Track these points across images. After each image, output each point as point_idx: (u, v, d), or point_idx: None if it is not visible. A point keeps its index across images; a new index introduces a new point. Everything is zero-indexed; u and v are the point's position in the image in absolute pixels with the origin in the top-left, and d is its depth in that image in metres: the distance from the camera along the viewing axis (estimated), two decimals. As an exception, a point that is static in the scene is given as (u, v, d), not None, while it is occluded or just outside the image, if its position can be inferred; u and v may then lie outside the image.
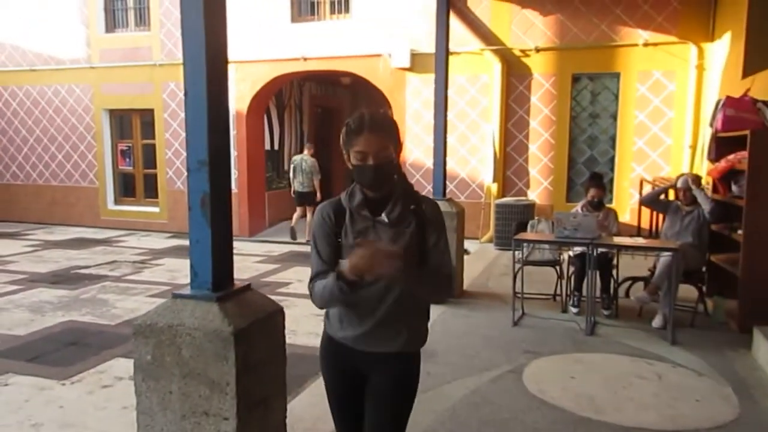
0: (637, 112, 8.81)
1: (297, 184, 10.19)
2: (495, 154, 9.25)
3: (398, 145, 1.95)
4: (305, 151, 10.41)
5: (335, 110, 13.64)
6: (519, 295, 5.44)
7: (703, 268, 5.58)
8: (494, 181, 9.32)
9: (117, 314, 5.77)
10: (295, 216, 10.39)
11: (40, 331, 5.23)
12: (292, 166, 10.30)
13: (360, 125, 1.86)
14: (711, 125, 6.08)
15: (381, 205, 1.95)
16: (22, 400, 3.81)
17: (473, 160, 9.60)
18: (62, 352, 4.74)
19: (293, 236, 10.26)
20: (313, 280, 1.98)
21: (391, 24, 9.59)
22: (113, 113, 11.59)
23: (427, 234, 1.98)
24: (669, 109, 8.67)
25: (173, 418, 2.40)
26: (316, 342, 2.19)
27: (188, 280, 2.49)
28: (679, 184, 5.46)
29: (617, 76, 8.90)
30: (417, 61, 9.54)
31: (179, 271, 7.73)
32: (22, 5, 11.64)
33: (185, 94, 2.36)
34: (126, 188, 11.88)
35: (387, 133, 1.88)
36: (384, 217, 1.94)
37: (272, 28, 10.14)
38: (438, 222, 2.03)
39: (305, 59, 10.01)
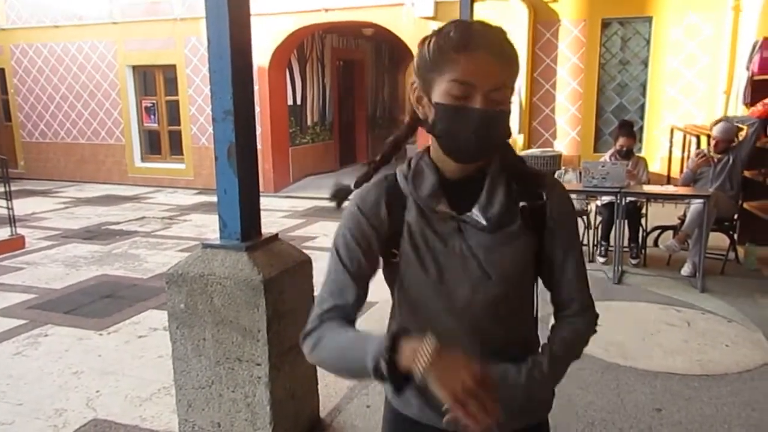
0: (670, 57, 8.50)
1: None
2: (520, 104, 9.06)
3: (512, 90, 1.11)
4: None
5: (357, 63, 13.45)
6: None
7: (735, 216, 5.47)
8: (519, 132, 9.17)
9: (149, 268, 5.90)
10: None
11: (76, 285, 5.38)
12: None
13: (467, 36, 1.05)
14: (747, 68, 5.87)
15: (466, 191, 1.14)
16: (62, 350, 3.95)
17: (498, 111, 9.42)
18: (98, 304, 4.88)
19: None
20: (320, 318, 1.17)
21: (414, -29, 9.32)
22: (136, 69, 11.58)
23: (549, 244, 1.18)
24: (703, 54, 8.36)
25: (207, 363, 2.47)
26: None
27: (216, 235, 2.52)
28: (714, 133, 5.31)
29: (649, 20, 8.57)
30: (441, 10, 9.27)
31: (207, 227, 7.84)
32: (41, -38, 11.57)
33: (208, 43, 2.34)
34: (152, 145, 11.96)
35: (511, 61, 1.07)
36: (477, 213, 1.12)
37: (292, -21, 9.94)
38: (569, 223, 1.21)
39: (326, 10, 9.82)
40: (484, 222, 1.11)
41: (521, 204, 1.14)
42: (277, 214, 8.76)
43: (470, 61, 1.04)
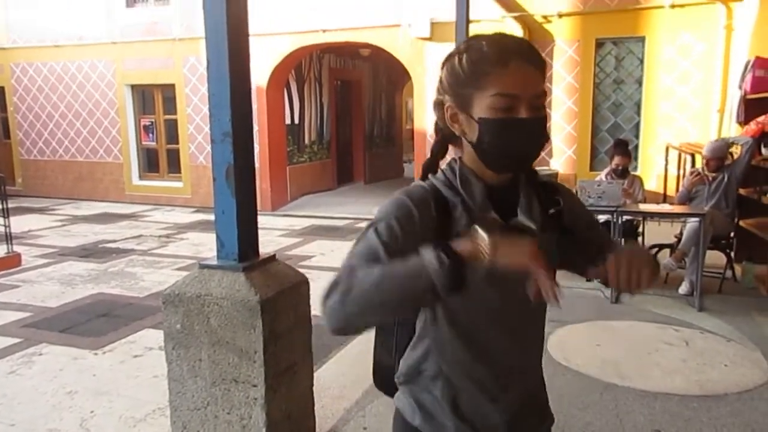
0: (663, 76, 8.58)
1: None
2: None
3: None
4: None
5: (354, 83, 13.55)
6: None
7: (732, 234, 5.49)
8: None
9: (145, 287, 5.88)
10: None
11: (71, 303, 5.36)
12: None
13: (503, 49, 1.07)
14: (740, 87, 5.92)
15: (503, 200, 1.15)
16: (56, 369, 3.92)
17: (495, 130, 9.47)
18: (93, 323, 4.86)
19: None
20: (351, 269, 1.04)
21: (411, -8, 9.44)
22: (135, 88, 11.64)
23: (574, 242, 1.23)
24: (696, 73, 8.44)
25: (203, 384, 2.46)
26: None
27: (213, 254, 2.52)
28: (704, 152, 5.36)
29: (642, 40, 8.66)
30: (436, 31, 9.37)
31: (204, 245, 7.83)
32: (42, -18, 11.68)
33: (207, 66, 2.36)
34: (150, 163, 12.00)
35: (544, 66, 1.11)
36: (524, 218, 1.15)
37: (291, 0, 10.04)
38: (584, 211, 1.33)
39: (324, 31, 9.91)
40: (533, 226, 1.14)
41: (551, 210, 1.20)
42: (274, 232, 8.75)
43: (511, 72, 1.06)
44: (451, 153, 1.25)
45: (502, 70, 1.06)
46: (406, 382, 1.23)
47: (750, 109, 5.65)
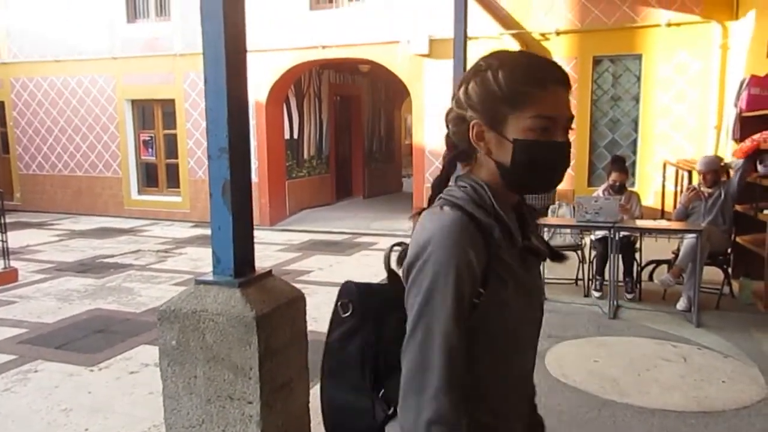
0: (660, 93, 8.65)
1: None
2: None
3: None
4: None
5: (354, 98, 13.62)
6: (540, 280, 5.41)
7: (729, 250, 5.50)
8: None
9: (142, 302, 5.86)
10: None
11: (68, 319, 5.34)
12: None
13: (542, 71, 1.06)
14: (735, 105, 5.96)
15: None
16: (52, 386, 3.90)
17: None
18: (90, 339, 4.84)
19: None
20: (451, 411, 0.98)
21: (409, 10, 9.52)
22: (135, 103, 11.70)
23: None
24: (693, 90, 8.50)
25: (198, 402, 2.44)
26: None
27: (211, 269, 2.52)
28: (698, 168, 5.40)
29: (639, 57, 8.74)
30: (435, 47, 9.45)
31: (202, 260, 7.82)
32: (44, -2, 11.79)
33: (205, 82, 2.38)
34: (149, 178, 12.02)
35: (570, 89, 1.10)
36: (536, 242, 1.17)
37: (290, 17, 10.13)
38: None
39: (323, 47, 9.99)
40: (543, 249, 1.16)
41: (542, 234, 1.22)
42: (272, 247, 8.75)
43: (550, 94, 1.05)
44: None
45: (541, 92, 1.04)
46: None
47: (745, 126, 5.68)
